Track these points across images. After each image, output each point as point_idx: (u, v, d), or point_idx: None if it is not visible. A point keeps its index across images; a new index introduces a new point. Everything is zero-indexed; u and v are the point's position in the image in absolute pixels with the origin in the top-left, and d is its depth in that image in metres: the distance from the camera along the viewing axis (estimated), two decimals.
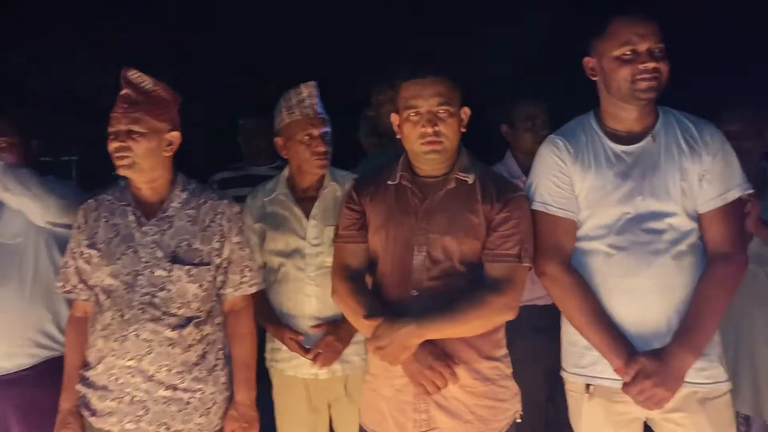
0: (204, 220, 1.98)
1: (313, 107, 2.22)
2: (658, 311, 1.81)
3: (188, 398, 1.91)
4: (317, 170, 2.25)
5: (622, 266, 1.82)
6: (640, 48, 1.79)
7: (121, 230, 1.95)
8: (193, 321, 1.93)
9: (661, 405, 1.77)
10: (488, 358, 1.85)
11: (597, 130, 1.92)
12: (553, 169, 1.92)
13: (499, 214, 1.83)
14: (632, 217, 1.83)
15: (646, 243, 1.81)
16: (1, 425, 2.15)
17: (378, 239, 1.90)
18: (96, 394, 1.91)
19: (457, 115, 1.85)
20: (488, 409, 1.83)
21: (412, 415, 1.83)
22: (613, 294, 1.84)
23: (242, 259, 2.04)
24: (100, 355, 1.91)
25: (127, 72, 1.93)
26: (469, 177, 1.87)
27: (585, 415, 1.91)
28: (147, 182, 1.97)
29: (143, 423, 1.88)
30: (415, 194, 1.88)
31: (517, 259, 1.81)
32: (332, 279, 1.98)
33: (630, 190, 1.84)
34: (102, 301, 1.93)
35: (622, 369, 1.79)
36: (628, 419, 1.87)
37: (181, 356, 1.90)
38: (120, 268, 1.90)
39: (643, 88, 1.80)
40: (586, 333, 1.85)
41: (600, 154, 1.89)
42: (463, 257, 1.82)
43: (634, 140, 1.87)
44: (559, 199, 1.90)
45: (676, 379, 1.76)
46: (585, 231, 1.90)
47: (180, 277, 1.91)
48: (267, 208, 2.31)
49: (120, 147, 1.89)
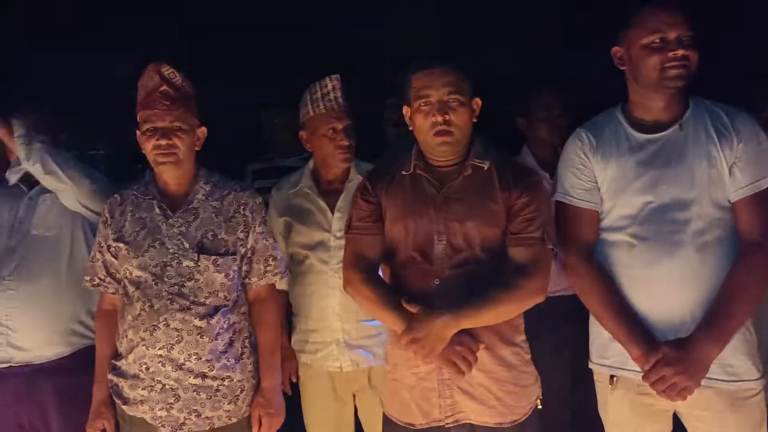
0: (228, 210, 2.02)
1: (338, 100, 2.23)
2: (681, 303, 1.78)
3: (217, 386, 1.96)
4: (341, 164, 2.26)
5: (644, 257, 1.80)
6: (669, 36, 1.77)
7: (148, 223, 1.99)
8: (221, 310, 1.97)
9: (684, 395, 1.73)
10: (510, 343, 1.86)
11: (622, 120, 1.90)
12: (575, 161, 1.92)
13: (519, 198, 1.83)
14: (655, 207, 1.80)
15: (669, 233, 1.78)
16: (40, 411, 2.21)
17: (397, 230, 1.89)
18: (127, 383, 1.96)
19: (468, 105, 1.84)
20: (511, 394, 1.84)
21: (437, 401, 1.84)
22: (636, 285, 1.82)
23: (266, 248, 2.06)
24: (131, 345, 1.95)
25: (161, 68, 1.95)
26: (484, 163, 1.87)
27: (611, 407, 1.91)
28: (178, 177, 2.01)
29: (174, 410, 1.93)
30: (431, 183, 1.88)
31: (541, 241, 1.81)
32: (345, 270, 1.95)
33: (653, 178, 1.81)
34: (131, 293, 1.97)
35: (641, 358, 1.77)
36: (655, 411, 1.85)
37: (209, 345, 1.94)
38: (148, 260, 1.95)
39: (671, 76, 1.77)
40: (606, 323, 1.85)
41: (623, 144, 1.87)
42: (484, 244, 1.82)
43: (660, 129, 1.84)
44: (580, 190, 1.91)
45: (700, 368, 1.72)
46: (609, 222, 1.88)
47: (207, 267, 1.95)
48: (292, 201, 2.33)
49: (167, 144, 1.92)
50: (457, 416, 1.84)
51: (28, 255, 2.23)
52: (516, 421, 1.84)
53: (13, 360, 2.19)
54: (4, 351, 2.19)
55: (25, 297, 2.20)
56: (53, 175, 2.19)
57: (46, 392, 2.21)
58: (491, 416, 1.83)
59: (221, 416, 1.97)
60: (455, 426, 1.85)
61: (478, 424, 1.83)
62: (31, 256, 2.23)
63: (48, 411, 2.21)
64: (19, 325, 2.19)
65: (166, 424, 1.93)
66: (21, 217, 2.28)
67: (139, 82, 1.97)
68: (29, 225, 2.27)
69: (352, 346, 2.22)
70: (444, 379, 1.83)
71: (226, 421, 1.97)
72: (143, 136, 1.96)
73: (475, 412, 1.83)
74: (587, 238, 1.91)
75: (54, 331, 2.22)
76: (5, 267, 2.21)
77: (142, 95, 1.96)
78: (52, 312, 2.22)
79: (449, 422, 1.84)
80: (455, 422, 1.84)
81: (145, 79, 1.96)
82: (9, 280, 2.20)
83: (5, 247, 2.24)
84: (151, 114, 1.93)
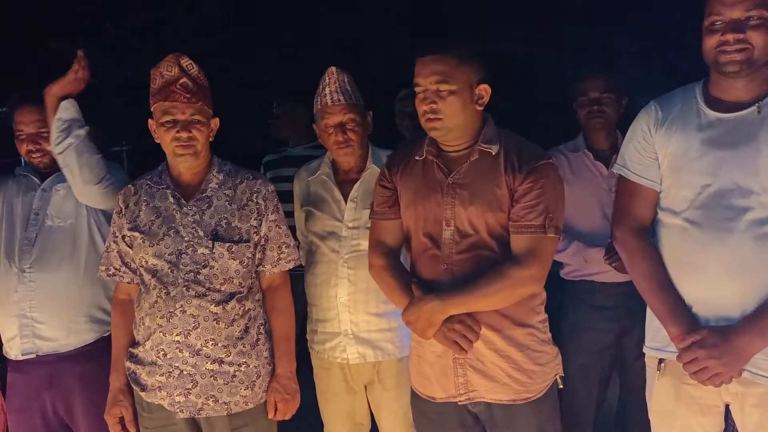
0: (241, 198, 2.04)
1: (333, 95, 2.19)
2: (730, 293, 1.69)
3: (234, 371, 1.98)
4: (341, 158, 2.25)
5: (696, 241, 1.73)
6: (727, 17, 1.66)
7: (162, 212, 2.02)
8: (236, 296, 1.99)
9: (716, 382, 1.66)
10: (522, 324, 1.85)
11: (698, 96, 1.80)
12: (638, 135, 1.86)
13: (522, 184, 1.81)
14: (714, 191, 1.71)
15: (723, 219, 1.69)
16: (64, 397, 2.25)
17: (409, 215, 1.92)
18: (145, 370, 1.99)
19: (461, 92, 1.81)
20: (524, 372, 1.85)
21: (453, 378, 1.88)
22: (684, 269, 1.76)
23: (279, 236, 2.08)
24: (148, 333, 1.99)
25: (180, 59, 1.96)
26: (492, 148, 1.85)
27: (656, 393, 1.85)
28: (194, 167, 2.03)
29: (192, 396, 1.95)
30: (440, 168, 1.89)
31: (542, 229, 1.79)
32: (369, 254, 2.01)
33: (716, 159, 1.71)
34: (147, 281, 2.00)
35: (679, 337, 1.71)
36: (705, 404, 1.77)
37: (225, 330, 1.97)
38: (163, 248, 1.97)
39: (724, 61, 1.67)
40: (649, 299, 1.81)
41: (691, 120, 1.77)
42: (490, 229, 1.82)
43: (737, 109, 1.73)
44: (638, 165, 1.85)
45: (737, 357, 1.65)
46: (666, 202, 1.81)
47: (222, 254, 1.97)
48: (311, 188, 2.34)
49: (188, 137, 1.95)
50: (470, 394, 1.87)
51: (47, 246, 2.25)
52: (529, 399, 1.86)
53: (40, 350, 2.23)
54: (31, 342, 2.23)
55: (48, 288, 2.23)
56: (67, 168, 2.21)
57: (71, 378, 2.24)
58: (504, 393, 1.85)
59: (238, 401, 1.99)
60: (471, 404, 1.88)
61: (492, 402, 1.86)
62: (50, 246, 2.25)
63: (72, 396, 2.25)
64: (44, 316, 2.22)
65: (184, 409, 1.96)
66: (36, 208, 2.30)
67: (154, 70, 1.98)
68: (45, 216, 2.29)
69: (360, 338, 2.21)
70: (456, 358, 1.86)
71: (243, 406, 2.00)
72: (162, 128, 1.97)
73: (488, 390, 1.85)
74: (641, 216, 1.85)
75: (78, 319, 2.26)
76: (25, 259, 2.24)
77: (159, 84, 1.97)
78: (75, 301, 2.26)
79: (463, 400, 1.88)
80: (468, 400, 1.87)
81: (162, 69, 1.97)
82: (30, 272, 2.23)
83: (24, 239, 2.27)
84: (171, 106, 1.95)
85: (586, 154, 2.59)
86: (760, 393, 1.69)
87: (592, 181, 2.53)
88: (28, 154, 2.34)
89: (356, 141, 2.21)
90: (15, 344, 2.25)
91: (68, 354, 2.25)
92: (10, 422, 2.29)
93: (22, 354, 2.23)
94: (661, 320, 1.78)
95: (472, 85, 1.83)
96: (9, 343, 2.27)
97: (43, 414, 2.25)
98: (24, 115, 2.30)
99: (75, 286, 2.26)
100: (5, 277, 2.24)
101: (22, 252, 2.25)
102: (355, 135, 2.21)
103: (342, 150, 2.21)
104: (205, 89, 2.02)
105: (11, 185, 2.37)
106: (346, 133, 2.19)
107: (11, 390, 2.29)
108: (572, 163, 2.59)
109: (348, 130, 2.20)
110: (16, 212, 2.32)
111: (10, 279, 2.23)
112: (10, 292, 2.23)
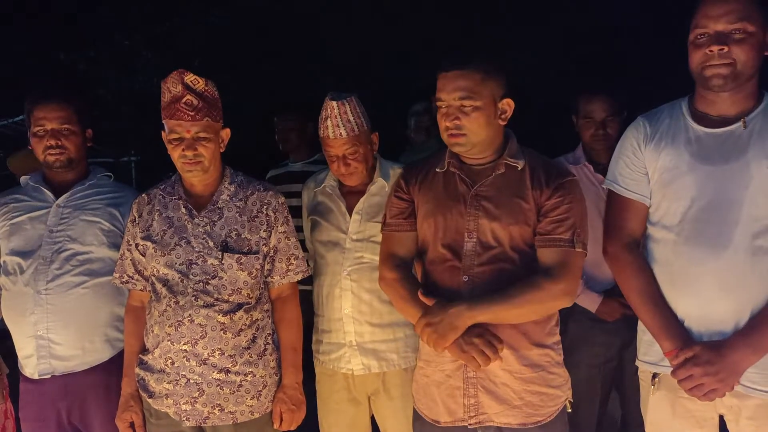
0: (252, 210, 2.06)
1: (334, 129, 2.15)
2: (723, 308, 1.71)
3: (240, 381, 2.00)
4: (346, 182, 2.25)
5: (688, 255, 1.74)
6: (711, 30, 1.68)
7: (175, 222, 2.05)
8: (243, 306, 2.02)
9: (711, 397, 1.69)
10: (539, 345, 1.84)
11: (685, 111, 1.82)
12: (628, 150, 1.88)
13: (550, 199, 1.81)
14: (705, 204, 1.72)
15: (716, 233, 1.70)
16: (81, 407, 2.24)
17: (427, 226, 1.91)
18: (153, 377, 2.02)
19: (485, 108, 1.80)
20: (537, 395, 1.83)
21: (462, 400, 1.85)
22: (676, 284, 1.77)
23: (288, 247, 2.11)
24: (157, 341, 2.01)
25: (183, 76, 1.96)
26: (518, 163, 1.86)
27: (651, 408, 1.86)
28: (204, 180, 2.06)
29: (198, 404, 1.98)
30: (463, 180, 1.88)
31: (570, 243, 1.79)
32: (380, 267, 2.00)
33: (705, 174, 1.73)
34: (158, 290, 2.03)
35: (672, 352, 1.73)
36: (700, 417, 1.78)
37: (232, 340, 1.99)
38: (174, 258, 2.00)
39: (709, 75, 1.69)
40: (642, 314, 1.82)
41: (680, 135, 1.79)
42: (513, 243, 1.82)
43: (724, 124, 1.74)
44: (629, 180, 1.87)
45: (731, 372, 1.67)
46: (657, 217, 1.83)
47: (231, 265, 2.00)
48: (317, 198, 2.35)
49: (194, 155, 1.97)
50: (480, 417, 1.84)
51: (64, 267, 2.21)
52: (540, 422, 1.84)
53: (56, 371, 2.21)
54: (47, 363, 2.20)
55: (65, 309, 2.19)
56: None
57: (86, 387, 2.23)
58: (515, 417, 1.82)
59: (244, 411, 2.01)
60: (482, 428, 1.85)
61: (502, 427, 1.83)
62: (67, 267, 2.21)
63: (87, 405, 2.24)
64: (61, 337, 2.19)
65: (190, 417, 1.98)
66: (51, 225, 2.25)
67: (163, 84, 2.00)
68: (65, 237, 2.24)
69: (365, 349, 2.21)
70: (469, 377, 1.83)
71: (248, 416, 2.02)
72: (170, 144, 2.00)
73: (498, 414, 1.83)
74: (629, 228, 1.87)
75: (93, 339, 2.24)
76: (41, 279, 2.19)
77: (167, 100, 1.99)
78: (91, 321, 2.23)
79: (472, 423, 1.84)
80: (478, 423, 1.84)
81: (169, 84, 1.98)
82: (47, 294, 2.19)
83: (39, 258, 2.21)
84: (176, 125, 1.96)
85: (587, 166, 2.61)
86: (755, 405, 1.71)
87: (594, 193, 2.55)
88: (46, 151, 2.26)
89: (359, 168, 2.20)
90: (31, 363, 2.22)
91: (84, 371, 2.24)
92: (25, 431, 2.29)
93: (39, 374, 2.21)
94: (654, 335, 1.79)
95: (495, 100, 1.83)
96: (25, 361, 2.25)
97: (58, 423, 2.24)
98: (47, 111, 2.24)
99: (91, 306, 2.23)
100: (21, 297, 2.21)
101: (37, 272, 2.20)
102: (358, 163, 2.19)
103: (345, 178, 2.23)
104: (213, 102, 2.01)
105: (21, 198, 2.32)
106: (349, 164, 2.19)
107: (25, 400, 2.28)
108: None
109: (351, 161, 2.18)
110: (30, 230, 2.26)
111: (26, 300, 2.19)
112: (26, 312, 2.19)
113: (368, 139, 2.22)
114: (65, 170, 2.30)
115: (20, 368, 2.29)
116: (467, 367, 1.83)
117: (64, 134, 2.26)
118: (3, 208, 2.31)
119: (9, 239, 2.26)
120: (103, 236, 2.26)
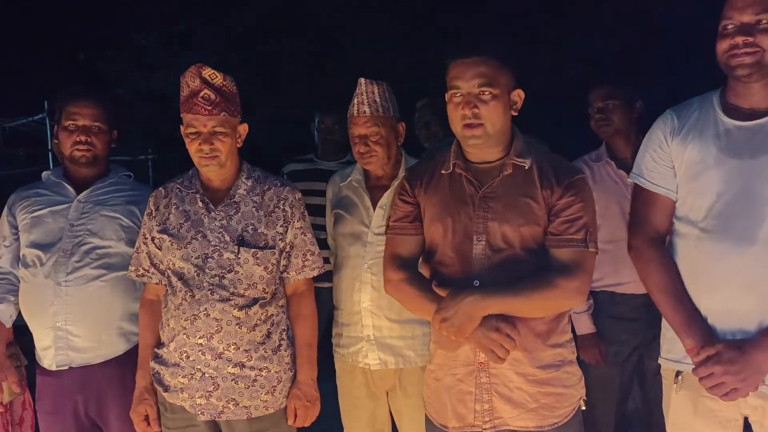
0: (268, 205, 2.07)
1: (359, 106, 2.21)
2: (747, 305, 1.68)
3: (255, 376, 2.00)
4: (364, 166, 2.27)
5: (713, 251, 1.71)
6: (737, 21, 1.68)
7: (191, 216, 2.05)
8: (259, 301, 2.02)
9: (733, 397, 1.66)
10: (553, 345, 1.82)
11: (716, 104, 1.79)
12: (654, 143, 1.86)
13: (561, 198, 1.77)
14: (731, 199, 1.70)
15: (742, 229, 1.68)
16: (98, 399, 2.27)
17: (435, 229, 1.87)
18: (168, 370, 2.02)
19: (502, 97, 1.76)
20: (552, 396, 1.80)
21: (472, 405, 1.81)
22: (700, 280, 1.75)
23: (304, 243, 2.11)
24: (172, 334, 2.02)
25: (202, 71, 1.97)
26: (525, 162, 1.81)
27: (674, 406, 1.84)
28: (221, 174, 2.06)
29: (213, 398, 1.98)
30: (470, 182, 1.83)
31: (583, 243, 1.75)
32: (384, 270, 1.96)
33: (734, 168, 1.70)
34: (174, 283, 2.03)
35: (694, 350, 1.70)
36: (723, 417, 1.75)
37: (247, 335, 1.99)
38: (190, 251, 2.01)
39: (734, 64, 1.68)
40: (665, 310, 1.80)
41: (708, 128, 1.77)
42: (524, 244, 1.78)
43: (755, 117, 1.72)
44: (654, 174, 1.85)
45: (755, 373, 1.64)
46: (682, 211, 1.81)
47: (247, 259, 2.00)
48: (342, 192, 2.37)
49: (210, 149, 1.97)
50: (495, 422, 1.81)
51: (84, 259, 2.24)
52: (556, 424, 1.81)
53: (74, 362, 2.24)
54: (65, 354, 2.23)
55: (83, 301, 2.22)
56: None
57: (102, 380, 2.26)
58: (530, 420, 1.80)
59: (258, 406, 2.01)
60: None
61: (518, 430, 1.81)
62: (87, 260, 2.25)
63: (104, 397, 2.27)
64: (78, 329, 2.22)
65: (204, 411, 1.98)
66: (72, 219, 2.29)
67: (182, 78, 2.01)
68: (86, 231, 2.28)
69: (383, 344, 2.22)
70: (482, 383, 1.80)
71: (263, 411, 2.02)
72: (187, 138, 2.01)
73: (514, 418, 1.80)
74: (654, 223, 1.85)
75: (110, 332, 2.26)
76: (61, 271, 2.22)
77: (185, 94, 2.00)
78: (107, 314, 2.26)
79: (487, 427, 1.81)
80: (494, 428, 1.81)
81: (187, 78, 1.99)
82: (66, 286, 2.22)
83: (59, 251, 2.25)
84: (193, 119, 1.97)
85: (609, 163, 2.59)
86: None
87: (615, 190, 2.53)
88: (74, 146, 2.30)
89: (379, 152, 2.22)
90: (49, 354, 2.25)
91: (102, 363, 2.26)
92: (42, 424, 2.31)
93: (56, 366, 2.24)
94: (677, 332, 1.77)
95: (509, 90, 1.80)
96: (43, 352, 2.28)
97: (75, 415, 2.27)
98: (80, 107, 2.30)
99: (108, 300, 2.26)
100: (41, 288, 2.23)
101: (57, 264, 2.24)
102: (378, 147, 2.21)
103: (363, 159, 2.24)
104: (231, 97, 2.01)
105: (43, 193, 2.37)
106: (369, 145, 2.20)
107: (42, 392, 2.30)
108: (595, 172, 2.59)
109: (371, 143, 2.20)
110: (50, 223, 2.30)
111: (46, 291, 2.23)
112: (46, 304, 2.22)
113: (392, 126, 2.24)
114: (88, 167, 2.35)
115: (38, 360, 2.31)
116: (479, 372, 1.80)
117: (94, 131, 2.32)
118: (25, 201, 2.36)
119: (30, 231, 2.30)
120: (122, 232, 2.30)
